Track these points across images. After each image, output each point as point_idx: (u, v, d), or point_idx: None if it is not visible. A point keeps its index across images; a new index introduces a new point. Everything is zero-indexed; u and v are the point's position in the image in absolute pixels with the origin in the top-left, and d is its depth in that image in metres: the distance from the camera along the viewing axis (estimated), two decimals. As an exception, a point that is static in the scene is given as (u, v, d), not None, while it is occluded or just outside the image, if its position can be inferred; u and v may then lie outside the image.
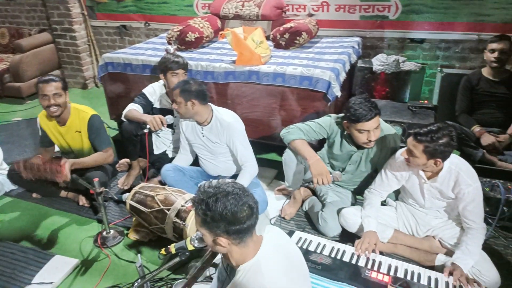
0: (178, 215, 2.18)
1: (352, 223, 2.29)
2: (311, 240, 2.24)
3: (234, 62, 3.04)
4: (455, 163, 2.02)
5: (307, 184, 2.50)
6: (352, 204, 2.51)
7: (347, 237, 2.34)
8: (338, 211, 2.38)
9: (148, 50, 3.54)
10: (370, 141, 2.19)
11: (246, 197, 1.26)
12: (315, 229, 2.47)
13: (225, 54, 3.30)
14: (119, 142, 3.12)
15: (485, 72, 3.03)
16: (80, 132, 2.65)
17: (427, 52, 3.74)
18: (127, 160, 3.09)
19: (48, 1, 4.88)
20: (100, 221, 2.60)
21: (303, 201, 2.68)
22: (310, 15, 3.93)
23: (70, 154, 2.75)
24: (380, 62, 3.38)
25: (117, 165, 3.07)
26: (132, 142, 2.84)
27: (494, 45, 2.90)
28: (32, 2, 5.24)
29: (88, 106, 2.75)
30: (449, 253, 2.10)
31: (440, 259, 2.12)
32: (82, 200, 2.79)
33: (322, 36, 3.80)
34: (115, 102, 3.53)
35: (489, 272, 1.93)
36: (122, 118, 2.87)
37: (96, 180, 2.27)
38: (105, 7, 4.91)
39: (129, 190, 2.68)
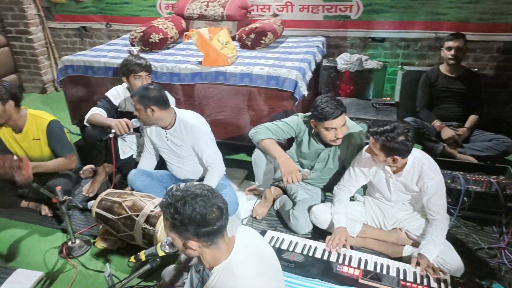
0: (147, 220, 2.13)
1: (323, 220, 2.33)
2: (283, 239, 2.25)
3: (200, 63, 3.01)
4: (418, 158, 2.10)
5: (277, 183, 2.52)
6: (322, 201, 2.55)
7: (318, 234, 2.37)
8: (309, 209, 2.41)
9: (110, 52, 3.43)
10: (337, 138, 2.24)
11: (215, 199, 1.25)
12: (287, 227, 2.48)
13: (191, 55, 3.26)
14: (82, 148, 3.01)
15: (443, 68, 3.17)
16: (38, 139, 2.52)
17: (388, 50, 3.86)
18: (92, 166, 2.99)
19: (0, 2, 4.62)
20: (64, 230, 2.50)
21: (274, 200, 2.69)
22: (275, 15, 3.96)
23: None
24: (344, 61, 3.45)
25: (81, 172, 2.96)
26: (96, 147, 2.75)
27: (450, 43, 3.04)
28: (-17, 3, 4.95)
29: (45, 112, 2.63)
30: (416, 244, 2.18)
31: (407, 250, 2.19)
32: (45, 210, 2.66)
33: (287, 36, 3.84)
34: (76, 107, 3.40)
35: (453, 260, 2.02)
36: (85, 123, 2.77)
37: (58, 188, 2.18)
38: (63, 8, 4.72)
39: (95, 198, 2.58)
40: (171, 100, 2.82)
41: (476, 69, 3.37)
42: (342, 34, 3.89)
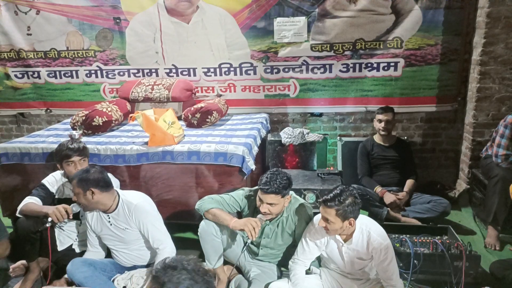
0: (88, 319, 1.90)
1: (281, 298, 2.24)
2: (241, 324, 2.11)
3: (146, 143, 2.99)
4: (365, 223, 2.16)
5: (244, 249, 2.40)
6: (278, 277, 2.46)
7: (278, 314, 2.25)
8: (266, 287, 2.31)
9: (50, 137, 3.31)
10: (264, 212, 2.25)
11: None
12: (244, 310, 2.34)
13: (137, 136, 3.25)
14: (12, 242, 2.70)
15: (377, 138, 3.44)
16: None
17: (326, 124, 4.14)
18: (23, 262, 2.68)
19: None
20: None
21: (229, 281, 2.55)
22: (219, 95, 4.15)
23: None
24: (287, 135, 3.63)
25: (10, 270, 2.63)
26: (29, 240, 2.48)
27: (380, 116, 3.34)
28: None
29: None
30: (375, 313, 2.14)
31: (368, 321, 2.14)
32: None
33: (232, 114, 4.01)
34: (9, 197, 3.13)
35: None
36: (17, 214, 2.54)
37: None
38: (0, 96, 4.57)
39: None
40: (116, 182, 2.72)
41: (405, 137, 3.70)
42: (283, 111, 4.15)
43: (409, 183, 3.27)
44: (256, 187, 2.32)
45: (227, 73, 4.10)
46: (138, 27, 4.09)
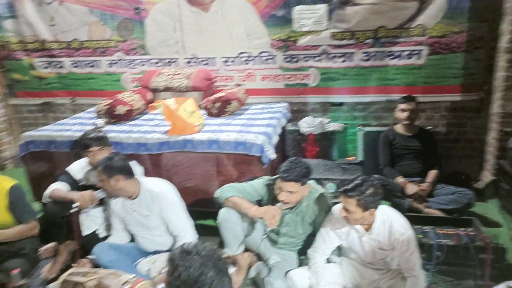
0: (113, 301, 1.96)
1: (301, 285, 2.24)
2: (261, 310, 2.13)
3: (167, 132, 3.03)
4: (387, 214, 2.14)
5: (264, 236, 2.42)
6: (298, 265, 2.47)
7: (297, 301, 2.27)
8: (286, 275, 2.32)
9: (75, 126, 3.40)
10: (281, 201, 2.25)
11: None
12: (264, 297, 2.36)
13: (158, 125, 3.29)
14: (42, 225, 2.81)
15: (399, 128, 3.38)
16: None
17: (346, 113, 4.09)
18: (53, 244, 2.77)
19: (-41, 80, 4.57)
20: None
21: (249, 268, 2.58)
22: (238, 85, 4.15)
23: None
24: (307, 124, 3.61)
25: (40, 251, 2.73)
26: (57, 224, 2.59)
27: (403, 106, 3.27)
28: None
29: (8, 177, 2.49)
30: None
31: (389, 311, 2.13)
32: (-3, 298, 2.40)
33: (252, 103, 4.00)
34: (38, 183, 3.25)
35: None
36: (44, 200, 2.63)
37: (15, 272, 1.98)
38: (26, 85, 4.70)
39: (56, 279, 2.37)
40: (139, 170, 2.77)
41: (429, 127, 3.62)
42: (303, 100, 4.11)
43: (432, 173, 3.21)
44: (276, 176, 2.32)
45: (246, 62, 4.09)
46: (158, 17, 4.11)
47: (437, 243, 2.41)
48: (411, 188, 3.10)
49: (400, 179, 3.19)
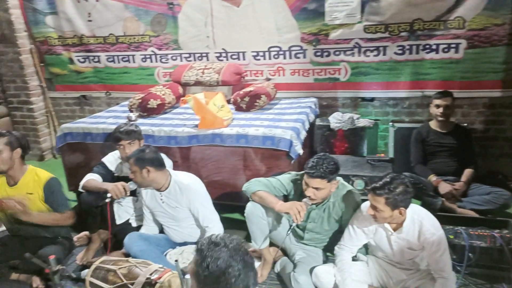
0: (143, 289, 2.03)
1: (326, 282, 2.24)
2: (285, 305, 2.15)
3: (197, 126, 3.08)
4: (417, 213, 2.08)
5: (290, 232, 2.43)
6: (324, 262, 2.47)
7: (322, 298, 2.26)
8: (311, 271, 2.32)
9: (109, 118, 3.53)
10: (309, 197, 2.23)
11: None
12: (289, 292, 2.38)
13: (188, 119, 3.35)
14: (77, 214, 2.95)
15: (433, 124, 3.26)
16: (32, 194, 2.50)
17: (378, 109, 3.99)
18: (86, 233, 2.92)
19: (4, 75, 4.83)
20: (56, 304, 2.37)
21: (274, 262, 2.60)
22: (268, 79, 4.14)
23: (14, 223, 2.55)
24: (336, 120, 3.56)
25: (75, 239, 2.88)
26: (91, 213, 2.70)
27: (438, 101, 3.15)
28: (-14, 77, 5.16)
29: (45, 170, 2.63)
30: (424, 305, 2.08)
31: (416, 312, 2.09)
32: (36, 282, 2.53)
33: (280, 98, 3.98)
34: (74, 173, 3.40)
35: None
36: (80, 189, 2.76)
37: (52, 257, 2.10)
38: (65, 79, 4.92)
39: (89, 266, 2.49)
40: (169, 162, 2.84)
41: (465, 124, 3.47)
42: (333, 95, 4.05)
43: (467, 172, 3.08)
44: (303, 172, 2.31)
45: (276, 56, 4.07)
46: (190, 12, 4.17)
47: (470, 244, 2.33)
48: (444, 187, 3.00)
49: (432, 177, 3.09)
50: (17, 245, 2.59)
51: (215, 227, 2.48)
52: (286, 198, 2.51)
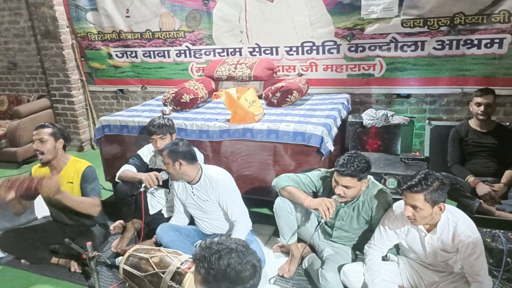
0: (173, 278, 2.10)
1: (355, 281, 2.21)
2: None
3: (228, 120, 3.12)
4: (452, 214, 2.01)
5: (318, 228, 2.42)
6: (353, 260, 2.44)
7: (350, 296, 2.24)
8: (340, 268, 2.30)
9: (145, 112, 3.63)
10: (339, 195, 2.21)
11: (250, 256, 1.22)
12: (317, 288, 2.37)
13: (220, 114, 3.40)
14: (113, 204, 3.08)
15: (473, 123, 3.13)
16: (72, 183, 2.63)
17: (414, 106, 3.87)
18: (121, 221, 3.03)
19: (48, 69, 5.09)
20: (92, 287, 2.49)
21: (302, 258, 2.60)
22: (300, 74, 4.11)
23: (55, 207, 2.69)
24: (369, 116, 3.48)
25: (111, 227, 3.00)
26: (126, 203, 2.81)
27: (479, 99, 3.01)
28: (33, 70, 5.44)
29: (84, 160, 2.77)
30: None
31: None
32: (74, 266, 2.68)
33: (312, 94, 3.95)
34: (111, 164, 3.55)
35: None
36: (116, 179, 2.87)
37: (89, 244, 2.21)
38: (104, 73, 5.11)
39: (123, 254, 2.59)
40: (200, 156, 2.90)
41: (507, 123, 3.30)
42: (367, 91, 3.97)
43: (508, 174, 2.93)
44: (333, 169, 2.29)
45: (309, 52, 4.03)
46: (225, 7, 4.20)
47: (508, 248, 2.23)
48: (483, 188, 2.87)
49: (470, 178, 2.96)
50: (58, 231, 2.74)
51: (243, 221, 2.52)
52: (315, 195, 2.50)
